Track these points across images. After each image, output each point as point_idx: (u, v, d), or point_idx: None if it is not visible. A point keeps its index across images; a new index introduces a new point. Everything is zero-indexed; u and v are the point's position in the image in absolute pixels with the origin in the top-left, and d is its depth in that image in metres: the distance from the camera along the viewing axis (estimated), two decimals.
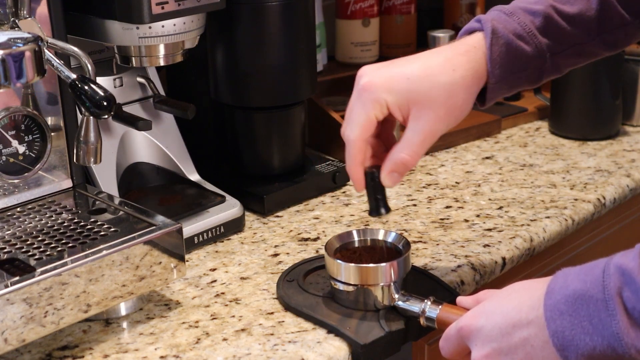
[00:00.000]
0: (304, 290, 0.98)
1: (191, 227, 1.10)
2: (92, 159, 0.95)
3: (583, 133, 1.48)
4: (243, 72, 1.21)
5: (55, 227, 0.96)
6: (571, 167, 1.37)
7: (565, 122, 1.50)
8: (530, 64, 0.90)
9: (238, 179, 1.27)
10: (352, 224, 1.18)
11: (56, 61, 0.91)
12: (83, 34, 1.09)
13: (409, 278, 0.96)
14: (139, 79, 1.19)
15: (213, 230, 1.13)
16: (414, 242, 1.12)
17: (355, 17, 1.60)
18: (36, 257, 0.89)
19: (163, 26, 1.05)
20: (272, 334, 0.92)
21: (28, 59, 0.84)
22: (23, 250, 0.91)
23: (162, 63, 1.10)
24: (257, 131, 1.26)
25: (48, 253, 0.90)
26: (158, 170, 1.21)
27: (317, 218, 1.21)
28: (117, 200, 1.04)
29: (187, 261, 1.08)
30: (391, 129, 0.91)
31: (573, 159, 1.40)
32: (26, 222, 0.97)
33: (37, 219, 0.98)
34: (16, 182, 1.00)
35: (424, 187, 1.30)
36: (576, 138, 1.48)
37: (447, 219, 1.19)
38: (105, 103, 0.89)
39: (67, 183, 1.05)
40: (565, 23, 0.90)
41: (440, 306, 0.89)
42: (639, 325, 0.70)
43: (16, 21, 0.92)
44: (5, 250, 0.92)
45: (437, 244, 1.11)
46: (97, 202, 1.03)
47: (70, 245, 0.92)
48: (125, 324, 0.95)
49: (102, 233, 0.94)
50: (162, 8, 1.02)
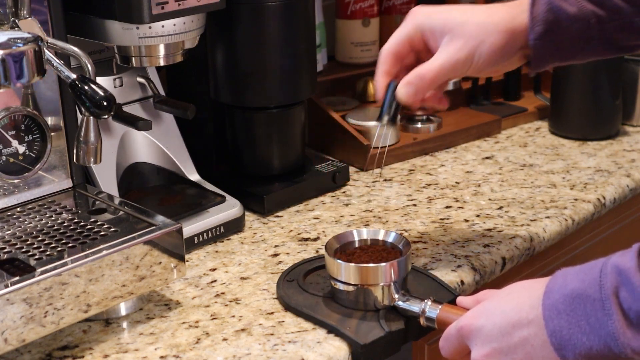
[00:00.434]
0: (304, 290, 0.98)
1: (191, 227, 1.10)
2: (92, 159, 0.95)
3: (583, 133, 1.48)
4: (243, 72, 1.21)
5: (55, 227, 0.96)
6: (571, 167, 1.37)
7: (565, 122, 1.50)
8: (572, 27, 0.90)
9: (238, 179, 1.27)
10: (352, 224, 1.18)
11: (56, 61, 0.91)
12: (83, 34, 1.09)
13: (409, 278, 0.96)
14: (139, 79, 1.19)
15: (213, 230, 1.13)
16: (414, 242, 1.12)
17: (355, 17, 1.60)
18: (36, 257, 0.89)
19: (163, 26, 1.05)
20: (272, 334, 0.92)
21: (28, 59, 0.84)
22: (23, 250, 0.91)
23: (162, 63, 1.10)
24: (257, 131, 1.26)
25: (48, 253, 0.90)
26: (158, 170, 1.21)
27: (317, 218, 1.21)
28: (117, 200, 1.04)
29: (187, 261, 1.08)
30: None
31: (573, 159, 1.40)
32: (26, 222, 0.97)
33: (37, 219, 0.98)
34: (16, 182, 1.00)
35: (424, 187, 1.30)
36: (576, 138, 1.48)
37: (447, 219, 1.19)
38: (105, 103, 0.89)
39: (67, 183, 1.05)
40: None
41: (440, 306, 0.89)
42: (635, 325, 0.70)
43: (16, 21, 0.92)
44: (5, 250, 0.92)
45: (437, 244, 1.11)
46: (97, 202, 1.03)
47: (70, 245, 0.92)
48: (125, 324, 0.95)
49: (102, 233, 0.94)
50: (162, 8, 1.02)
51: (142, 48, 1.08)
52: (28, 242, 0.93)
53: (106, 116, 0.90)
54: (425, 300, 0.91)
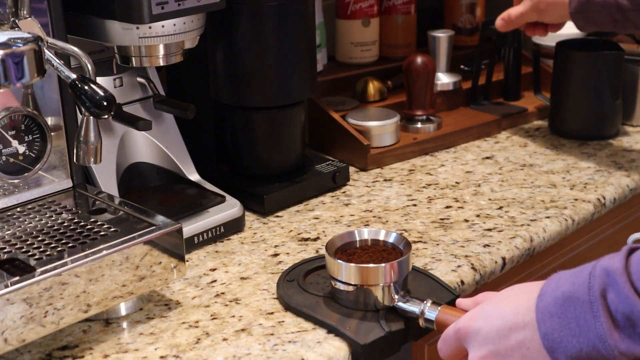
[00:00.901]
0: (304, 290, 0.98)
1: (191, 227, 1.10)
2: (92, 159, 0.95)
3: (583, 133, 1.48)
4: (243, 72, 1.21)
5: (55, 227, 0.96)
6: (571, 167, 1.37)
7: (565, 122, 1.50)
8: (598, 9, 1.25)
9: (238, 179, 1.27)
10: (352, 224, 1.18)
11: (56, 61, 0.91)
12: (83, 34, 1.09)
13: (409, 278, 0.96)
14: (139, 79, 1.19)
15: (213, 230, 1.13)
16: (414, 242, 1.12)
17: (355, 17, 1.60)
18: (36, 257, 0.89)
19: (163, 26, 1.05)
20: (272, 334, 0.92)
21: (28, 59, 0.84)
22: (23, 250, 0.91)
23: (162, 63, 1.10)
24: (257, 131, 1.26)
25: (48, 253, 0.90)
26: (158, 170, 1.21)
27: (317, 218, 1.21)
28: (117, 200, 1.04)
29: (187, 261, 1.08)
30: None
31: (573, 159, 1.40)
32: (26, 222, 0.97)
33: (37, 219, 0.98)
34: (16, 182, 1.00)
35: (424, 187, 1.30)
36: (576, 138, 1.48)
37: (447, 219, 1.19)
38: (105, 103, 0.89)
39: (67, 183, 1.05)
40: None
41: (439, 307, 0.89)
42: (622, 327, 0.70)
43: (16, 21, 0.92)
44: (5, 250, 0.92)
45: (437, 244, 1.12)
46: (97, 202, 1.03)
47: (70, 245, 0.92)
48: (125, 324, 0.95)
49: (102, 233, 0.94)
50: (162, 8, 1.02)
51: (142, 48, 1.08)
52: (28, 242, 0.93)
53: (106, 116, 0.90)
54: (424, 301, 0.91)
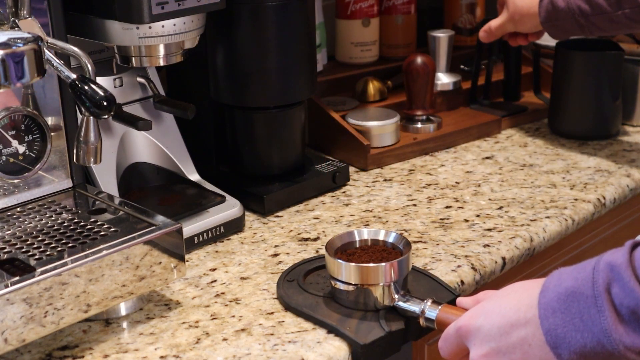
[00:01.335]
0: (304, 290, 0.98)
1: (191, 227, 1.10)
2: (92, 159, 0.95)
3: (583, 133, 1.48)
4: (243, 72, 1.21)
5: (55, 227, 0.96)
6: (571, 167, 1.37)
7: (565, 122, 1.50)
8: (564, 16, 1.32)
9: (238, 179, 1.27)
10: (352, 224, 1.18)
11: (56, 61, 0.91)
12: (83, 34, 1.09)
13: (409, 278, 0.96)
14: (139, 79, 1.19)
15: (213, 230, 1.13)
16: (414, 242, 1.12)
17: (355, 17, 1.60)
18: (36, 257, 0.89)
19: (163, 26, 1.05)
20: (272, 334, 0.92)
21: (28, 59, 0.84)
22: (23, 250, 0.91)
23: (162, 63, 1.10)
24: (257, 131, 1.26)
25: (48, 253, 0.90)
26: (158, 170, 1.21)
27: (317, 218, 1.21)
28: (117, 200, 1.04)
29: (187, 261, 1.08)
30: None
31: (573, 159, 1.40)
32: (26, 222, 0.97)
33: (37, 219, 0.98)
34: (16, 182, 1.00)
35: (424, 187, 1.30)
36: (576, 138, 1.48)
37: (447, 219, 1.19)
38: (105, 103, 0.89)
39: (67, 183, 1.05)
40: None
41: (439, 307, 0.89)
42: (627, 321, 0.70)
43: (16, 21, 0.92)
44: (5, 250, 0.92)
45: (437, 244, 1.12)
46: (97, 202, 1.03)
47: (70, 245, 0.92)
48: (125, 324, 0.95)
49: (102, 233, 0.94)
50: (162, 8, 1.02)
51: (142, 48, 1.08)
52: (28, 242, 0.93)
53: (106, 116, 0.90)
54: (425, 300, 0.91)
